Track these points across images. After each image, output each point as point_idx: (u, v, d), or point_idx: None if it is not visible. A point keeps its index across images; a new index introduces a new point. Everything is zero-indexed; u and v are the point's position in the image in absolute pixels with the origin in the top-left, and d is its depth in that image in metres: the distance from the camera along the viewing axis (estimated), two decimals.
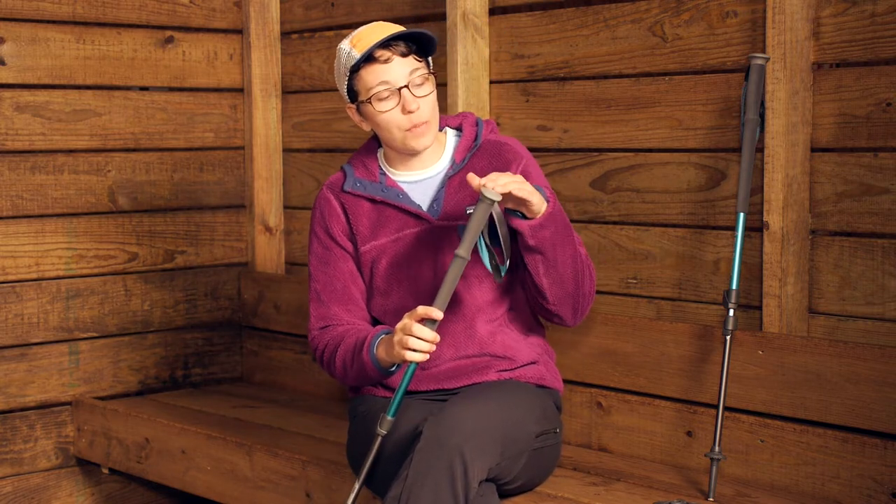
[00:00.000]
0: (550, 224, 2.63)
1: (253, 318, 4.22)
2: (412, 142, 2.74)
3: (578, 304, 2.75)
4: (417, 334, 2.54)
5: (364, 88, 2.72)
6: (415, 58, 2.71)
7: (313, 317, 2.87)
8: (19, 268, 3.80)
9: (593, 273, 2.78)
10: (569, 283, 2.71)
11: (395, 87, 2.69)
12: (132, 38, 3.98)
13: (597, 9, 3.28)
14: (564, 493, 2.82)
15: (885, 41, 2.76)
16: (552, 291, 2.71)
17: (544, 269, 2.67)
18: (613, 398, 3.19)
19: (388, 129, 2.74)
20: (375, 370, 2.71)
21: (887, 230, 2.79)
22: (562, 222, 2.66)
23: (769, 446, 2.88)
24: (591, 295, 2.79)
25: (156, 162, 4.06)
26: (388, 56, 2.68)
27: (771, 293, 2.90)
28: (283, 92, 4.23)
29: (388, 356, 2.66)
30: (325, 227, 2.87)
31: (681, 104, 3.13)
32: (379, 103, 2.71)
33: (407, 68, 2.70)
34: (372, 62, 2.69)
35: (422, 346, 2.55)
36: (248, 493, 3.33)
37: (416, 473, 2.47)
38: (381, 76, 2.69)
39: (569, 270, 2.69)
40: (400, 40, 2.70)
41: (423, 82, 2.71)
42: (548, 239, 2.63)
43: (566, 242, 2.67)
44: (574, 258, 2.70)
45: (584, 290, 2.75)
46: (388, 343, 2.65)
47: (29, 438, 3.86)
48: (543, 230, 2.62)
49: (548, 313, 2.78)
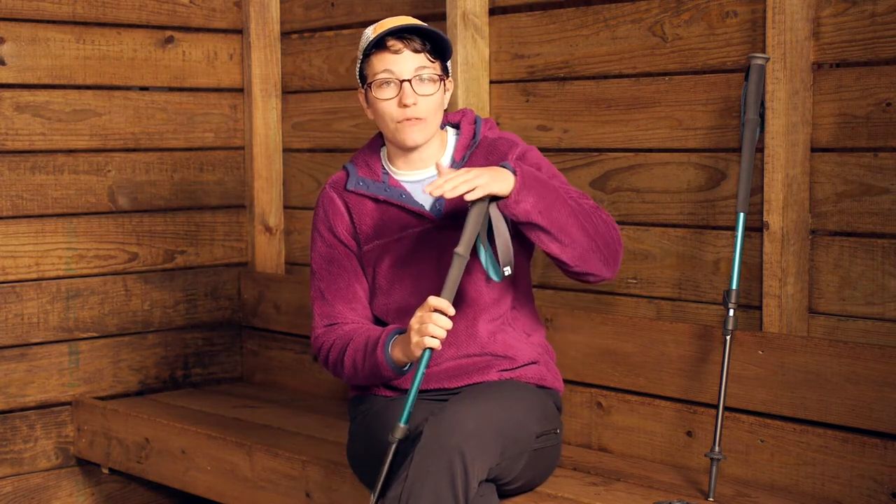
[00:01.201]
0: (526, 194, 2.59)
1: (253, 318, 4.22)
2: (401, 134, 2.75)
3: (605, 255, 2.71)
4: (436, 322, 2.56)
5: (371, 73, 2.75)
6: (427, 56, 2.73)
7: (317, 315, 2.87)
8: (19, 268, 3.80)
9: (608, 218, 2.73)
10: (581, 241, 2.66)
11: (398, 78, 2.71)
12: (132, 38, 3.98)
13: (597, 9, 3.28)
14: (564, 493, 2.82)
15: (885, 41, 2.76)
16: (568, 255, 2.67)
17: (547, 237, 2.65)
18: (613, 398, 3.19)
19: (383, 118, 2.76)
20: (390, 369, 2.71)
21: (887, 230, 2.79)
22: (541, 188, 2.62)
23: (769, 446, 2.88)
24: (616, 241, 2.73)
25: (156, 162, 4.06)
26: (400, 48, 2.71)
27: (771, 293, 2.90)
28: (283, 92, 4.23)
29: (404, 354, 2.66)
30: (328, 226, 2.87)
31: (681, 104, 3.13)
32: (379, 90, 2.73)
33: (415, 63, 2.71)
34: (384, 49, 2.72)
35: (439, 332, 2.56)
36: (248, 493, 3.33)
37: (416, 473, 2.47)
38: (388, 65, 2.71)
39: (574, 229, 2.65)
40: (416, 36, 2.72)
41: (429, 81, 2.72)
42: (533, 209, 2.60)
43: (557, 205, 2.63)
44: (574, 215, 2.65)
45: (605, 239, 2.70)
46: (404, 341, 2.65)
47: (29, 438, 3.86)
48: (521, 203, 2.59)
49: (579, 276, 2.74)
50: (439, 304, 2.57)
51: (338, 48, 4.01)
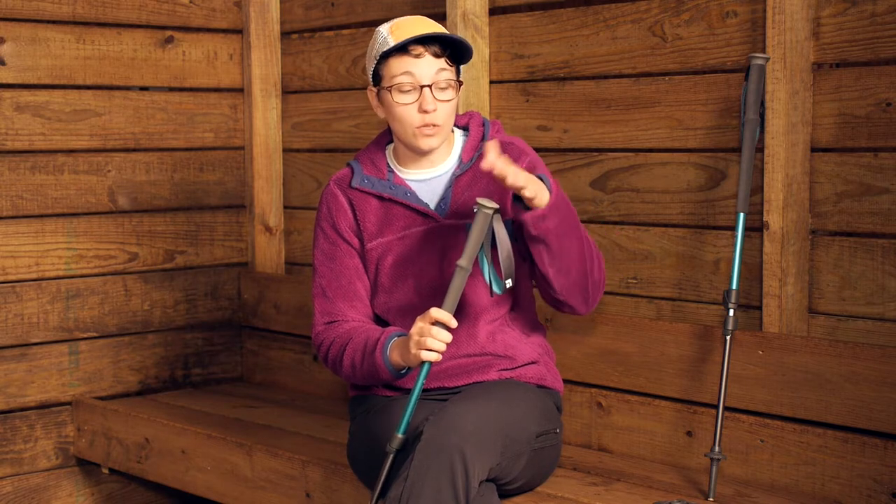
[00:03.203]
0: (554, 214, 2.61)
1: (253, 318, 4.22)
2: (419, 141, 2.74)
3: (588, 293, 2.74)
4: (436, 336, 2.56)
5: (389, 75, 2.73)
6: (446, 61, 2.72)
7: (318, 312, 2.88)
8: (19, 268, 3.80)
9: (601, 261, 2.77)
10: (575, 273, 2.69)
11: (418, 83, 2.70)
12: (132, 38, 3.98)
13: (597, 9, 3.28)
14: (564, 493, 2.82)
15: (885, 41, 2.76)
16: (558, 281, 2.69)
17: (549, 258, 2.66)
18: (613, 398, 3.19)
19: (401, 123, 2.74)
20: (388, 372, 2.71)
21: (887, 230, 2.79)
22: (566, 213, 2.64)
23: (769, 446, 2.88)
24: (602, 282, 2.77)
25: (156, 162, 4.06)
26: (421, 52, 2.70)
27: (771, 293, 2.90)
28: (283, 92, 4.23)
29: (402, 359, 2.66)
30: (331, 223, 2.87)
31: (681, 104, 3.13)
32: (399, 95, 2.72)
33: (435, 68, 2.71)
34: (404, 53, 2.70)
35: (438, 346, 2.57)
36: (248, 493, 3.33)
37: (416, 473, 2.47)
38: (408, 67, 2.70)
39: (575, 260, 2.67)
40: (437, 41, 2.71)
41: (448, 87, 2.72)
42: (552, 230, 2.62)
43: (571, 233, 2.65)
44: (580, 248, 2.68)
45: (595, 280, 2.73)
46: (403, 346, 2.65)
47: (29, 438, 3.86)
48: (546, 221, 2.61)
49: (557, 303, 2.77)
50: (441, 317, 2.57)
51: (338, 48, 4.01)
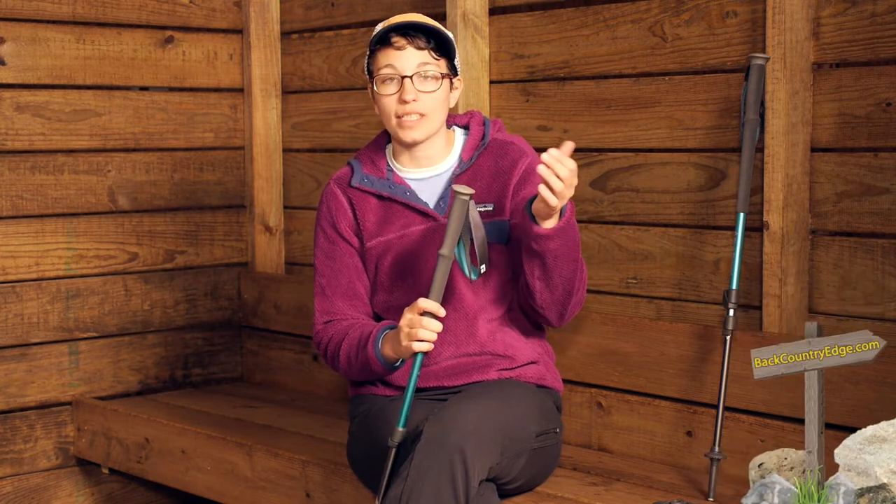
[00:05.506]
0: (560, 237, 2.61)
1: (253, 318, 4.22)
2: (400, 132, 2.77)
3: (565, 311, 2.76)
4: (426, 326, 2.57)
5: (375, 68, 2.77)
6: (431, 54, 2.74)
7: (318, 311, 2.88)
8: (19, 268, 3.80)
9: (585, 282, 2.77)
10: (560, 292, 2.70)
11: (400, 74, 2.73)
12: (132, 38, 3.98)
13: (597, 9, 3.28)
14: (564, 493, 2.82)
15: (885, 41, 2.76)
16: (542, 295, 2.71)
17: (540, 272, 2.67)
18: (613, 398, 3.19)
19: (385, 114, 2.78)
20: (380, 365, 2.72)
21: (887, 230, 2.79)
22: (572, 236, 2.64)
23: (769, 446, 2.88)
24: (580, 303, 2.79)
25: (156, 162, 4.06)
26: (404, 44, 2.73)
27: (771, 293, 2.90)
28: (283, 92, 4.23)
29: (394, 352, 2.67)
30: (331, 222, 2.88)
31: (681, 104, 3.13)
32: (381, 85, 2.75)
33: (417, 60, 2.73)
34: (388, 45, 2.74)
35: (429, 336, 2.58)
36: (248, 493, 3.33)
37: (416, 473, 2.47)
38: (391, 60, 2.74)
39: (565, 280, 2.68)
40: (420, 33, 2.73)
41: (432, 79, 2.73)
42: (552, 251, 2.62)
43: (570, 256, 2.65)
44: (573, 271, 2.68)
45: (576, 298, 2.75)
46: (394, 338, 2.66)
47: (29, 438, 3.86)
48: (551, 241, 2.61)
49: (533, 311, 2.79)
50: (429, 307, 2.58)
51: (338, 48, 4.01)
